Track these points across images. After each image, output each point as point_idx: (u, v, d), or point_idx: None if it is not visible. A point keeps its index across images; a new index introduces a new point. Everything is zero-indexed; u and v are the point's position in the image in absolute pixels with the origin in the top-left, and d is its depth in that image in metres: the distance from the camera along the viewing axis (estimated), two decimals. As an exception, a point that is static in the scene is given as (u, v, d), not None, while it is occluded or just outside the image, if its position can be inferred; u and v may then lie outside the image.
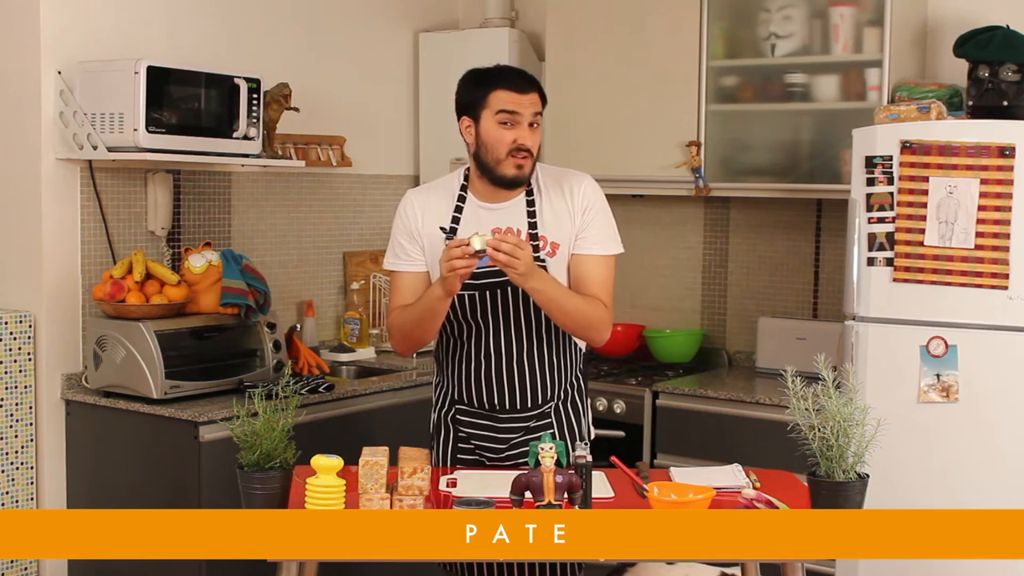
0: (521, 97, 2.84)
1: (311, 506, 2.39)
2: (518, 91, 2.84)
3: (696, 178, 4.23)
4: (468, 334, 2.92)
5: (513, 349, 2.91)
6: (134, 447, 3.60)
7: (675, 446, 4.02)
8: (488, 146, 2.85)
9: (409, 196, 3.00)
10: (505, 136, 2.83)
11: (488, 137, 2.85)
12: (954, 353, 3.42)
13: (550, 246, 2.89)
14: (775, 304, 4.47)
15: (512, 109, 2.82)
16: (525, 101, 2.84)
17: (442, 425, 3.03)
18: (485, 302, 2.87)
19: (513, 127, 2.83)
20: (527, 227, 2.88)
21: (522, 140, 2.83)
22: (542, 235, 2.89)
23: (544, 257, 2.87)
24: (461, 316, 2.90)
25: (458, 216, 2.90)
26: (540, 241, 2.88)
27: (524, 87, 2.86)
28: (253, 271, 3.86)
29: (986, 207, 3.36)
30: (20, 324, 3.65)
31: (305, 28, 4.46)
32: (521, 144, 2.82)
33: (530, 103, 2.84)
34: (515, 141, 2.83)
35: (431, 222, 2.92)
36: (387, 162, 4.86)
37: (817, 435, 2.44)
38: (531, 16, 4.91)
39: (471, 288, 2.86)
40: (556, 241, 2.90)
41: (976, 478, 3.41)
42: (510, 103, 2.83)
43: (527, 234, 2.88)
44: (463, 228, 2.88)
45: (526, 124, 2.84)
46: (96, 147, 3.60)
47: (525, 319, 2.90)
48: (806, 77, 4.09)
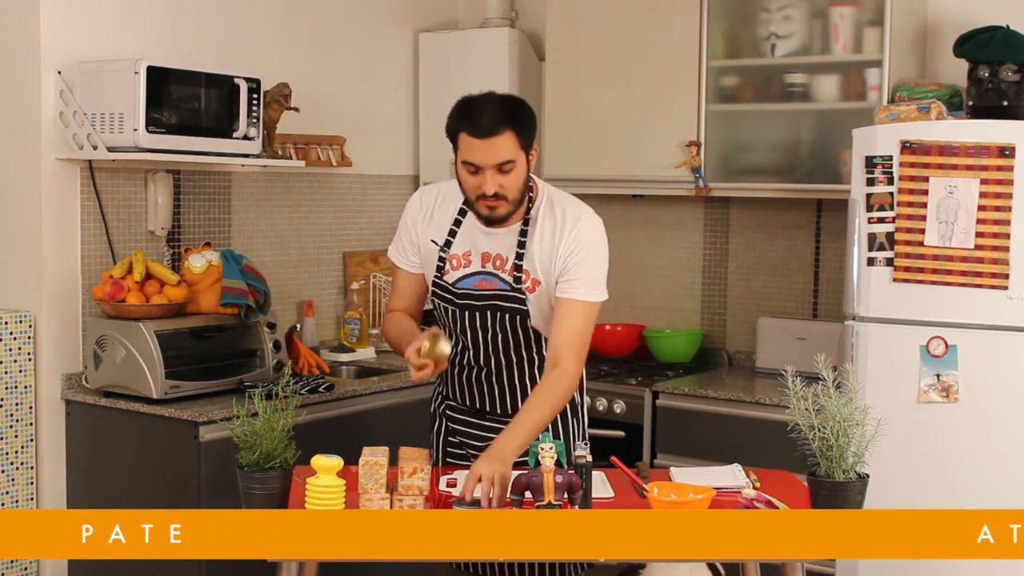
0: (482, 144, 2.66)
1: (311, 506, 2.39)
2: (478, 136, 2.66)
3: (696, 178, 4.23)
4: (456, 340, 2.93)
5: (491, 364, 2.91)
6: (134, 447, 3.60)
7: (675, 446, 4.02)
8: (462, 186, 2.78)
9: (419, 193, 2.98)
10: (471, 182, 2.72)
11: (460, 178, 2.76)
12: (954, 353, 3.42)
13: (531, 281, 2.83)
14: (775, 304, 4.47)
15: (472, 161, 2.68)
16: (485, 151, 2.66)
17: (435, 416, 3.08)
18: (464, 319, 2.88)
19: (477, 174, 2.70)
20: (514, 256, 2.83)
21: (485, 189, 2.69)
22: (526, 268, 2.82)
23: (524, 292, 2.83)
24: (451, 325, 2.92)
25: (455, 230, 2.88)
26: (523, 274, 2.82)
27: (484, 131, 2.65)
28: (253, 271, 3.86)
29: (986, 207, 3.36)
30: (20, 324, 3.65)
31: (305, 28, 4.46)
32: (483, 192, 2.70)
33: (491, 153, 2.66)
34: (479, 187, 2.70)
35: (431, 229, 2.90)
36: (387, 162, 4.86)
37: (817, 435, 2.44)
38: (531, 16, 4.91)
39: (452, 304, 2.88)
40: (537, 278, 2.82)
41: (976, 478, 3.40)
42: (469, 153, 2.68)
43: (512, 263, 2.83)
44: (457, 244, 2.86)
45: (491, 174, 2.68)
46: (96, 147, 3.60)
47: (502, 338, 2.87)
48: (806, 77, 4.09)
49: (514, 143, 2.69)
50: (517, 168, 2.71)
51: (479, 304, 2.85)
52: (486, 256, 2.85)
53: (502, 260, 2.84)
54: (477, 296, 2.84)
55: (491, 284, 2.84)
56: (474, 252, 2.86)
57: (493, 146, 2.66)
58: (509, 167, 2.70)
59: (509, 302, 2.83)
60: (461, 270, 2.86)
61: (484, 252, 2.84)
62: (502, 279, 2.84)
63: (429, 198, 2.94)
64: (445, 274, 2.88)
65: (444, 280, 2.88)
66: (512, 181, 2.72)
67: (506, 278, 2.83)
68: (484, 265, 2.85)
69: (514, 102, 2.77)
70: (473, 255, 2.86)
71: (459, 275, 2.86)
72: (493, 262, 2.84)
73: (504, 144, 2.67)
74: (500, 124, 2.67)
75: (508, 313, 2.84)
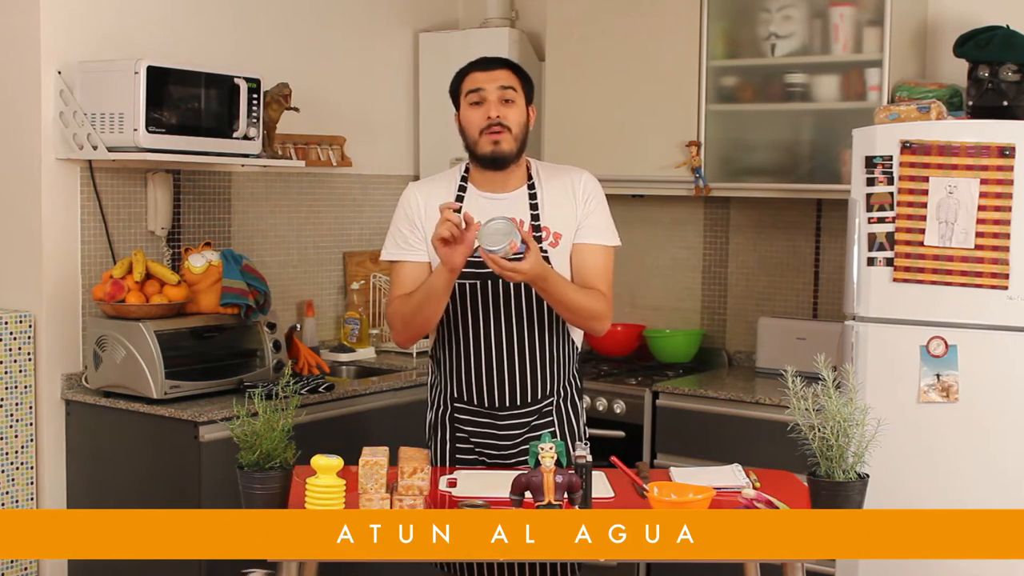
0: (486, 74, 2.89)
1: (311, 506, 2.39)
2: (482, 69, 2.90)
3: (696, 178, 4.23)
4: (467, 326, 2.92)
5: (514, 339, 2.91)
6: (134, 447, 3.60)
7: (675, 446, 4.02)
8: (466, 129, 2.92)
9: (411, 187, 3.03)
10: (474, 115, 2.89)
11: (464, 120, 2.92)
12: (954, 353, 3.42)
13: (553, 236, 2.90)
14: (775, 304, 4.47)
15: (477, 87, 2.88)
16: (489, 77, 2.88)
17: (439, 425, 3.02)
18: (487, 291, 2.88)
19: (482, 104, 2.87)
20: (529, 218, 2.90)
21: (490, 113, 2.86)
22: (544, 225, 2.90)
23: (547, 248, 2.88)
24: (461, 307, 2.90)
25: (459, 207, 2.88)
26: (543, 232, 2.89)
27: (488, 65, 2.91)
28: (253, 271, 3.87)
29: (986, 207, 3.36)
30: (20, 324, 3.65)
31: (305, 28, 4.46)
32: (491, 119, 2.86)
33: (495, 79, 2.88)
34: (486, 118, 2.86)
35: (434, 211, 2.88)
36: (387, 162, 4.86)
37: (817, 435, 2.44)
38: (531, 16, 4.91)
39: (472, 277, 2.86)
40: (559, 231, 2.91)
41: (976, 478, 3.40)
42: (475, 82, 2.89)
43: (530, 225, 2.89)
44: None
45: (494, 100, 2.87)
46: (96, 147, 3.60)
47: (527, 309, 2.90)
48: (806, 77, 4.09)
49: (514, 79, 2.91)
50: (516, 105, 2.89)
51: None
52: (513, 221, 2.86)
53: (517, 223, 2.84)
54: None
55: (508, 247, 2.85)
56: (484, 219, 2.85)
57: (494, 76, 2.90)
58: (512, 96, 2.89)
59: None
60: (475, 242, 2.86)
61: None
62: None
63: (423, 187, 3.01)
64: None
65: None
66: (514, 115, 2.88)
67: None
68: None
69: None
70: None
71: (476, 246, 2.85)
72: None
73: (505, 76, 2.90)
74: (504, 63, 2.95)
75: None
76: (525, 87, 2.93)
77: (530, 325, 2.91)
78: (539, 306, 2.90)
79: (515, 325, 2.91)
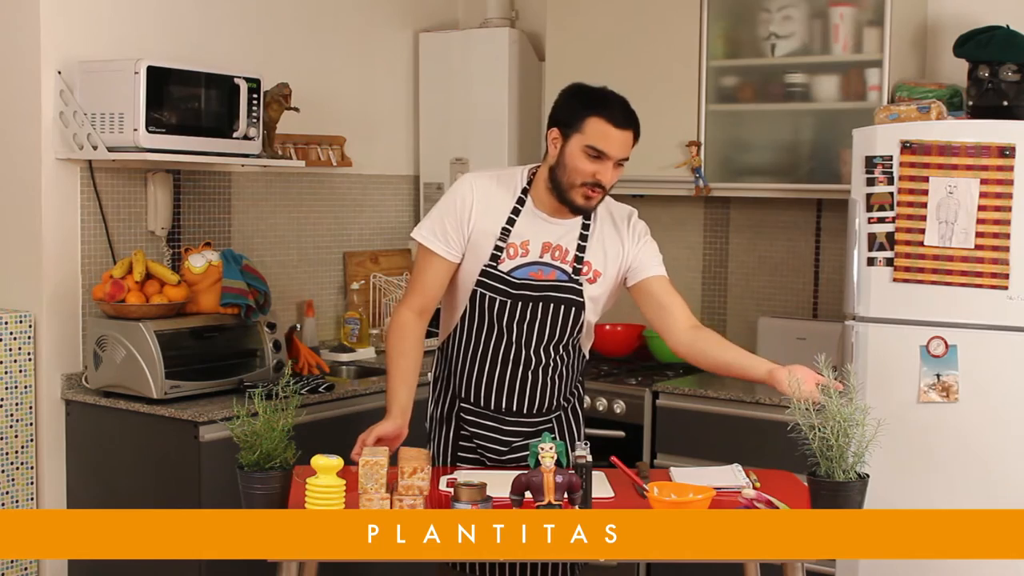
0: (619, 134, 2.76)
1: (311, 506, 2.39)
2: (616, 125, 2.76)
3: (696, 178, 4.23)
4: (490, 336, 2.91)
5: (532, 359, 2.91)
6: (134, 447, 3.60)
7: (675, 446, 4.02)
8: (567, 169, 2.80)
9: (471, 181, 2.91)
10: (587, 168, 2.77)
11: (570, 160, 2.79)
12: (954, 353, 3.42)
13: (592, 272, 2.90)
14: (775, 304, 4.47)
15: (602, 149, 2.75)
16: (620, 141, 2.77)
17: (443, 419, 3.02)
18: (515, 311, 2.87)
19: (597, 161, 2.77)
20: (575, 248, 2.88)
21: (601, 177, 2.78)
22: (587, 260, 2.89)
23: (583, 281, 2.88)
24: (488, 317, 2.89)
25: (514, 219, 2.87)
26: (584, 265, 2.88)
27: (622, 123, 2.77)
28: (253, 271, 3.86)
29: (986, 207, 3.36)
30: (20, 324, 3.65)
31: (305, 28, 4.46)
32: (599, 180, 2.78)
33: (622, 145, 2.77)
34: (595, 175, 2.78)
35: (489, 217, 2.86)
36: (387, 162, 4.86)
37: (817, 435, 2.44)
38: (531, 16, 4.91)
39: (504, 295, 2.86)
40: (599, 270, 2.90)
41: (976, 478, 3.40)
42: (602, 141, 2.75)
43: (574, 255, 2.87)
44: (516, 233, 2.85)
45: (611, 163, 2.78)
46: (96, 147, 3.59)
47: (550, 331, 2.90)
48: (806, 77, 4.09)
49: (631, 143, 2.82)
50: (622, 168, 2.84)
51: (535, 295, 2.85)
52: (546, 246, 2.86)
53: (562, 251, 2.87)
54: (535, 287, 2.85)
55: (547, 275, 2.86)
56: (534, 241, 2.85)
57: (627, 139, 2.79)
58: (624, 163, 2.82)
59: (565, 293, 2.86)
60: (518, 259, 2.86)
61: (545, 242, 2.86)
62: (561, 269, 2.86)
63: (483, 185, 2.89)
64: (500, 263, 2.85)
65: (499, 269, 2.85)
66: (616, 177, 2.83)
67: (565, 268, 2.86)
68: (543, 256, 2.87)
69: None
70: (532, 244, 2.86)
71: (515, 264, 2.86)
72: (552, 252, 2.87)
73: (631, 141, 2.81)
74: (633, 122, 2.81)
75: (563, 304, 2.86)
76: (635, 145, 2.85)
77: (549, 343, 2.91)
78: (562, 327, 2.90)
79: (535, 343, 2.90)
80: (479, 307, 2.88)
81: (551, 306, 2.85)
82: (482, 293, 2.87)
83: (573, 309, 2.88)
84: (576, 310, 2.88)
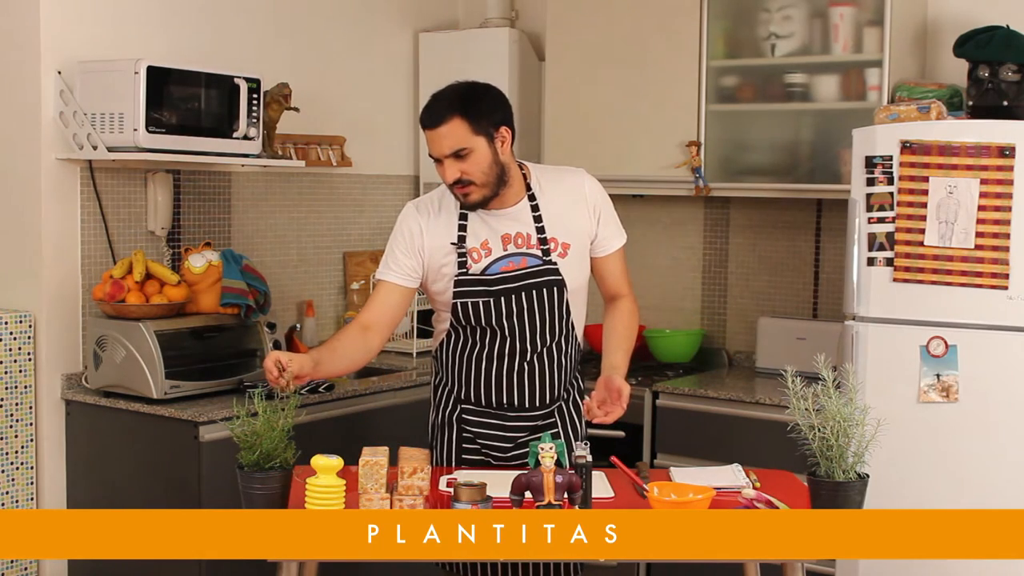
0: (431, 134, 2.77)
1: (311, 506, 2.39)
2: (426, 127, 2.79)
3: (696, 178, 4.23)
4: (483, 336, 2.92)
5: (527, 350, 2.92)
6: (134, 447, 3.60)
7: (675, 446, 4.02)
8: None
9: (412, 207, 2.97)
10: (440, 172, 2.81)
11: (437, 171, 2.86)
12: (954, 353, 3.42)
13: (561, 247, 2.90)
14: (775, 304, 4.47)
15: (430, 153, 2.81)
16: (435, 141, 2.77)
17: (446, 425, 3.02)
18: (500, 307, 2.88)
19: (440, 164, 2.80)
20: (535, 231, 2.89)
21: (447, 177, 2.78)
22: (552, 236, 2.90)
23: (556, 259, 2.89)
24: (475, 321, 2.90)
25: (464, 224, 2.89)
26: (551, 243, 2.89)
27: (432, 122, 2.77)
28: (253, 271, 3.86)
29: (986, 207, 3.36)
30: (20, 324, 3.65)
31: (305, 28, 4.46)
32: (451, 180, 2.78)
33: (437, 143, 2.76)
34: (446, 177, 2.79)
35: (440, 232, 2.90)
36: (387, 162, 4.86)
37: (817, 435, 2.44)
38: (531, 16, 4.91)
39: (485, 295, 2.87)
40: (566, 241, 2.91)
41: (976, 478, 3.40)
42: (428, 145, 2.80)
43: (536, 238, 2.88)
44: (471, 237, 2.88)
45: (448, 163, 2.77)
46: (96, 147, 3.60)
47: (540, 318, 2.91)
48: (806, 77, 4.09)
49: (464, 129, 2.75)
50: (475, 154, 2.77)
51: (515, 286, 2.86)
52: (506, 238, 2.87)
53: (524, 237, 2.88)
54: (512, 278, 2.86)
55: (519, 264, 2.87)
56: (492, 238, 2.87)
57: (440, 135, 2.76)
58: (464, 153, 2.76)
59: (543, 276, 2.88)
60: (484, 260, 2.87)
61: (504, 234, 2.87)
62: (531, 255, 2.87)
63: (425, 205, 2.95)
64: (469, 268, 2.87)
65: (471, 274, 2.87)
66: (473, 167, 2.77)
67: (535, 252, 2.87)
68: (506, 247, 2.88)
69: (466, 88, 2.84)
70: (491, 242, 2.87)
71: (485, 264, 2.87)
72: (515, 241, 2.88)
73: (451, 132, 2.75)
74: (446, 112, 2.75)
75: (545, 287, 2.87)
76: (480, 124, 2.77)
77: (542, 335, 2.91)
78: (550, 310, 2.90)
79: (528, 333, 2.91)
80: (463, 315, 2.90)
81: (533, 292, 2.87)
82: (463, 303, 2.88)
83: (556, 289, 2.89)
84: (559, 289, 2.89)
